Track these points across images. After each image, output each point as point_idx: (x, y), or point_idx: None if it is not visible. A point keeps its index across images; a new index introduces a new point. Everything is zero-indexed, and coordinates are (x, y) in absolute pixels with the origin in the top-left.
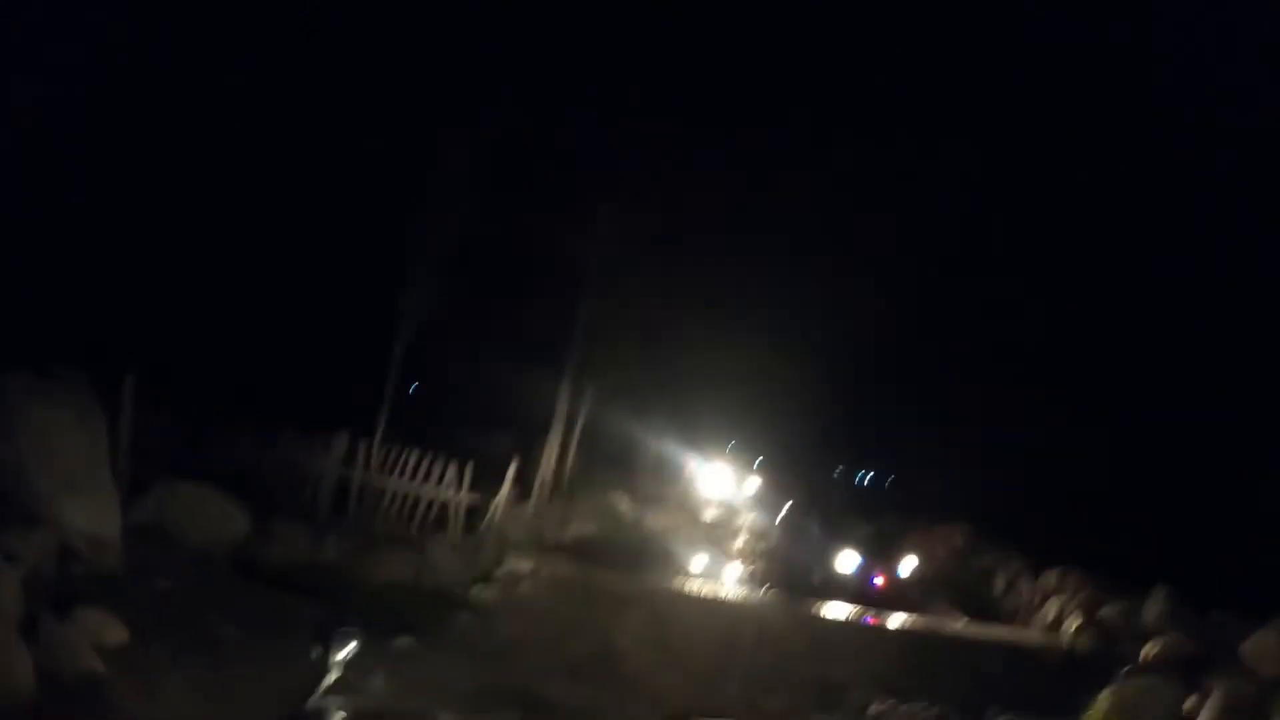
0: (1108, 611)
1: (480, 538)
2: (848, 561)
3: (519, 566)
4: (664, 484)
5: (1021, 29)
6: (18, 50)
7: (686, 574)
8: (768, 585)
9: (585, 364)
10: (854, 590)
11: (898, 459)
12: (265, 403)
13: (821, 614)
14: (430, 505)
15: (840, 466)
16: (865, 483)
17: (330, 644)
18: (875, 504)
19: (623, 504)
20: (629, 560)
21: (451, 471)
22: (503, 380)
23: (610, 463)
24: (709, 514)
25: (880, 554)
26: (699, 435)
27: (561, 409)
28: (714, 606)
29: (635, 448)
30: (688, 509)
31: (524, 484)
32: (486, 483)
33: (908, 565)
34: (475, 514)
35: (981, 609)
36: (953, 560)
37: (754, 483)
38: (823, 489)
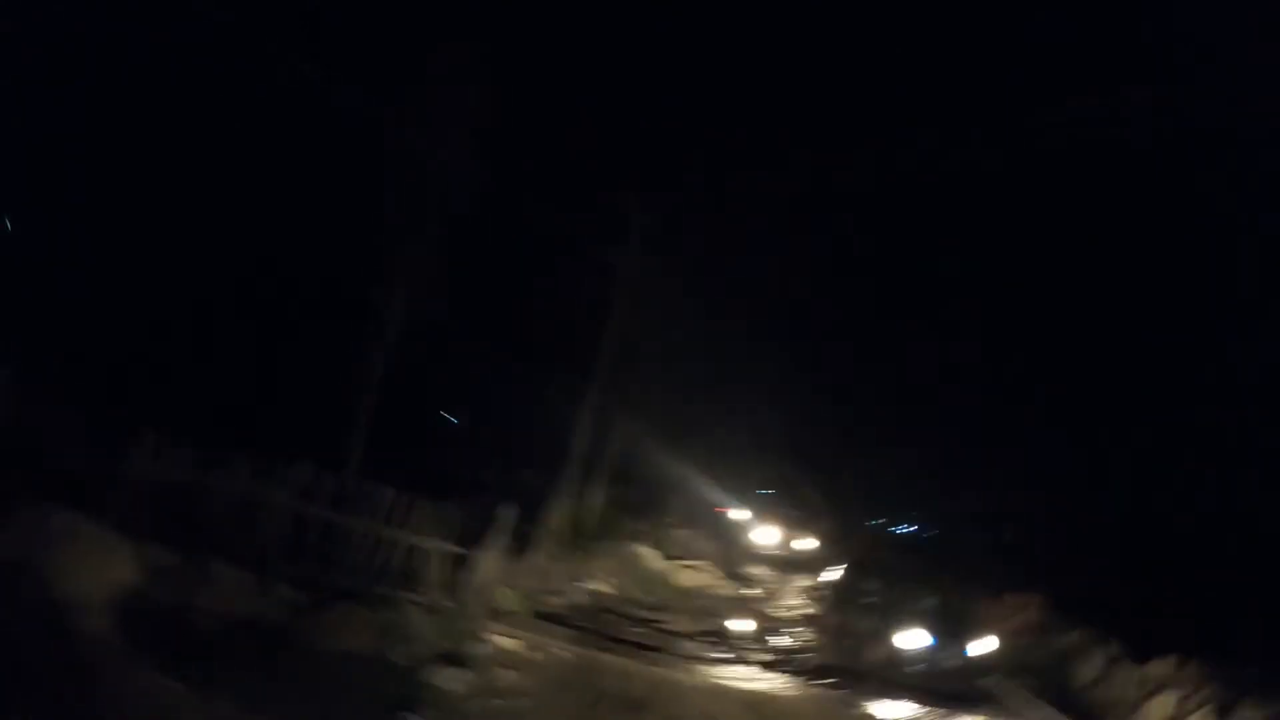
0: (1249, 715)
1: (465, 599)
2: (914, 639)
3: (503, 643)
4: (698, 534)
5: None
6: None
7: (722, 649)
8: (820, 665)
9: (611, 394)
10: (921, 674)
11: (943, 513)
12: (217, 415)
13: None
14: (408, 554)
15: (880, 519)
16: (910, 537)
17: None
18: (930, 563)
19: (649, 557)
20: (652, 630)
21: (430, 515)
22: (520, 410)
23: (639, 509)
24: (748, 569)
25: (947, 628)
26: (736, 481)
27: (580, 445)
28: (755, 704)
29: (667, 493)
30: (725, 563)
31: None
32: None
33: (982, 645)
34: (465, 566)
35: (1064, 701)
36: (1028, 638)
37: (798, 535)
38: (877, 546)
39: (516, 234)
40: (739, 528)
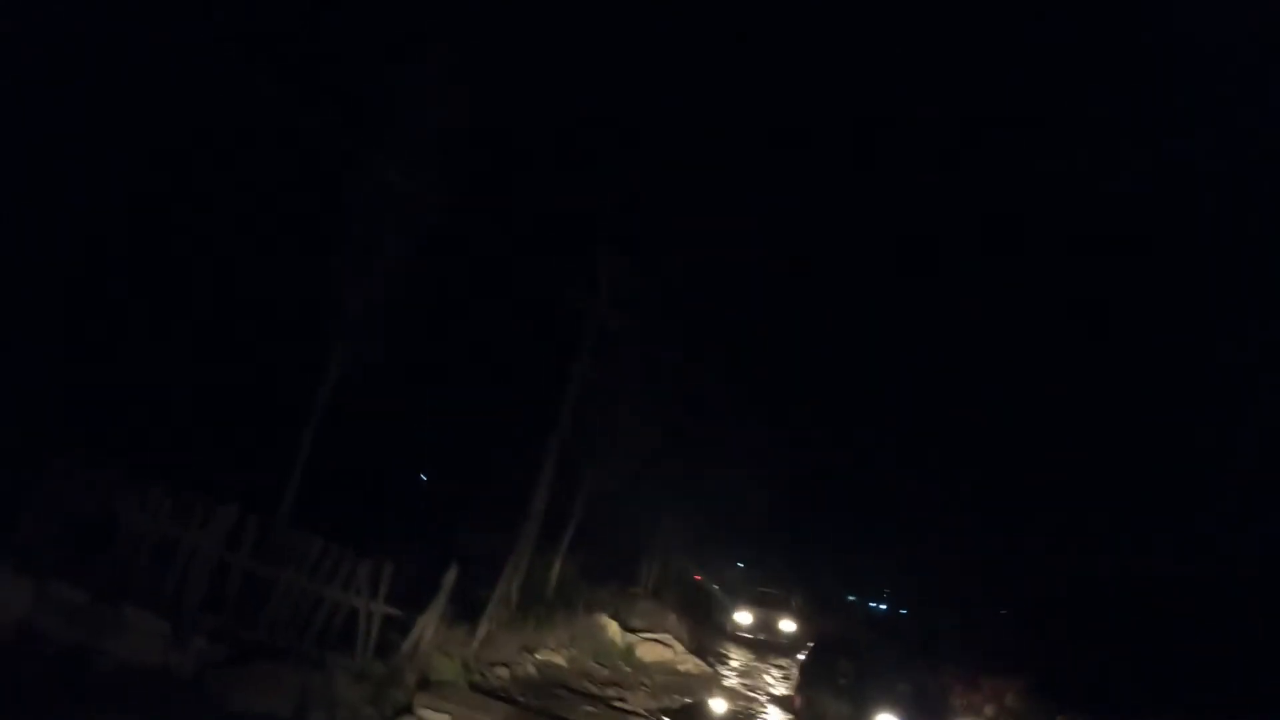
0: None
1: (398, 666)
2: None
3: (431, 718)
4: (664, 606)
5: None
6: None
7: None
8: None
9: (576, 452)
10: None
11: (912, 590)
12: (141, 447)
13: None
14: (334, 611)
15: (852, 597)
16: (882, 615)
17: None
18: (903, 643)
19: (610, 628)
20: (604, 709)
21: (364, 571)
22: (478, 464)
23: (601, 575)
24: (724, 649)
25: (922, 715)
26: (708, 552)
27: (539, 504)
28: None
29: (633, 560)
30: (693, 638)
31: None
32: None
33: None
34: (400, 630)
35: None
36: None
37: (777, 617)
38: (849, 625)
39: (480, 278)
40: (712, 601)
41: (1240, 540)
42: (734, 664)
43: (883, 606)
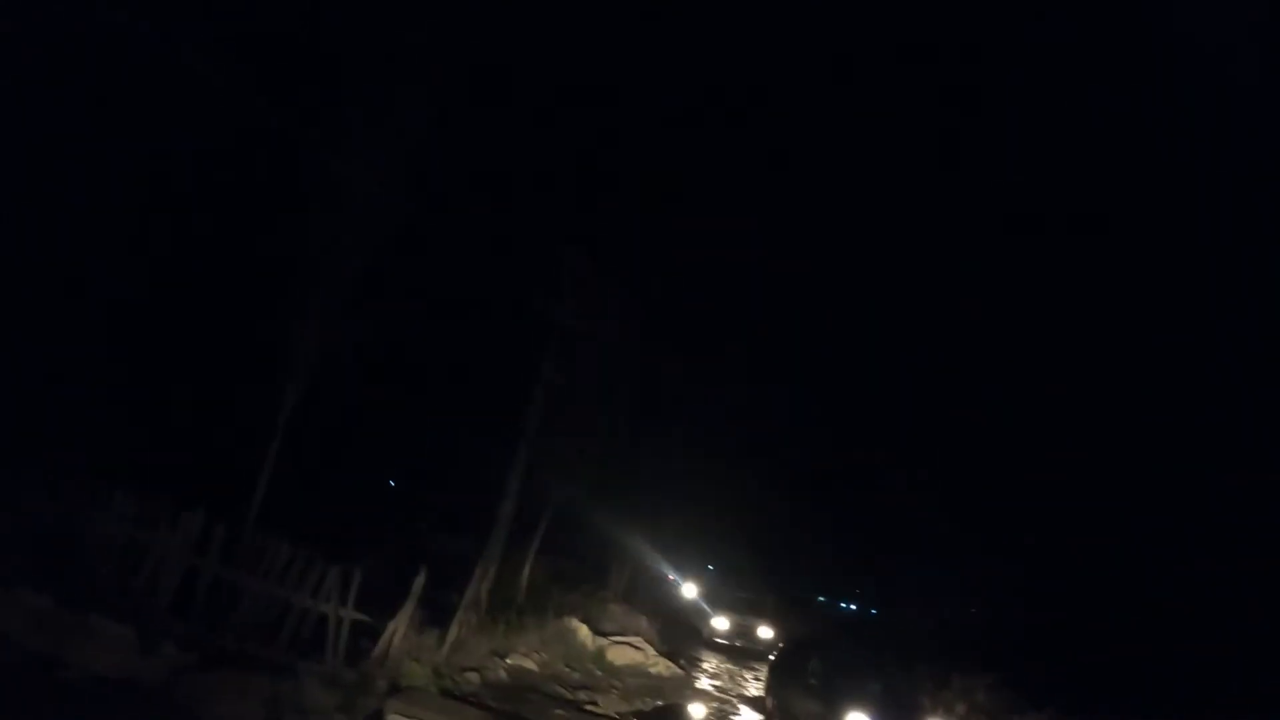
0: None
1: (368, 671)
2: None
3: None
4: (636, 610)
5: None
6: None
7: None
8: None
9: (546, 456)
10: None
11: (883, 590)
12: (105, 452)
13: None
14: (303, 617)
15: (822, 598)
16: (852, 614)
17: None
18: (873, 643)
19: (581, 632)
20: (575, 713)
21: (333, 577)
22: (447, 469)
23: (572, 580)
24: (699, 655)
25: (891, 715)
26: (681, 554)
27: (508, 508)
28: None
29: (604, 565)
30: (665, 640)
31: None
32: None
33: None
34: (370, 635)
35: None
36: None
37: (754, 622)
38: (820, 625)
39: (445, 280)
40: (685, 606)
41: (1218, 540)
42: (707, 667)
43: (853, 606)
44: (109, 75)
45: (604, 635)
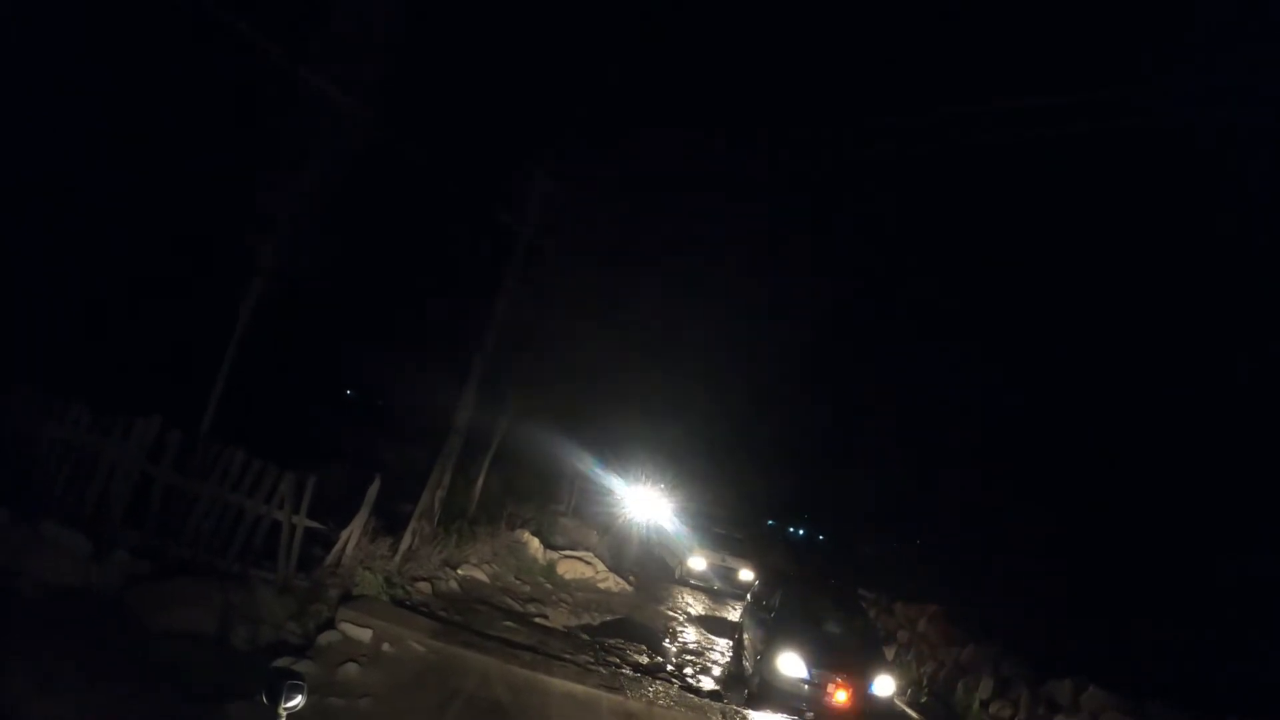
0: None
1: (320, 580)
2: (791, 665)
3: (353, 632)
4: (587, 525)
5: None
6: None
7: (595, 656)
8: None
9: (504, 369)
10: (804, 707)
11: (833, 515)
12: (61, 359)
13: None
14: (256, 525)
15: (771, 521)
16: (797, 539)
17: None
18: (826, 569)
19: (532, 545)
20: (524, 625)
21: (287, 484)
22: (404, 380)
23: (525, 493)
24: (638, 566)
25: (833, 660)
26: (629, 473)
27: (462, 418)
28: (625, 715)
29: (557, 480)
30: (613, 556)
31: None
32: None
33: (885, 685)
34: (323, 544)
35: None
36: (921, 647)
37: (735, 562)
38: (786, 557)
39: (407, 191)
40: (632, 520)
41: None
42: (650, 577)
43: (801, 532)
44: None
45: (555, 549)
